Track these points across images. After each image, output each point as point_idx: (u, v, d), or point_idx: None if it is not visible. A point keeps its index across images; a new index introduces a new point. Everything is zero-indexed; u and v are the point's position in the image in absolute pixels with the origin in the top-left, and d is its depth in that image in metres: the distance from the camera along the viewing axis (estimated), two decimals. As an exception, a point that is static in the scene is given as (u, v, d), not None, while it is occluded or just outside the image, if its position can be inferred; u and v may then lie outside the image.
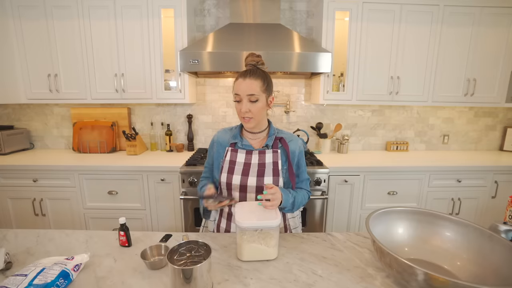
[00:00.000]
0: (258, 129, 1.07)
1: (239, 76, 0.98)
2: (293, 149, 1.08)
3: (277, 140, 1.07)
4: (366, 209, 2.09)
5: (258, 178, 1.02)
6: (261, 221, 0.83)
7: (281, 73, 2.20)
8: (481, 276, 0.75)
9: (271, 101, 1.04)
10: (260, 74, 0.98)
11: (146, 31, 2.09)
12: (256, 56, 1.01)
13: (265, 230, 0.84)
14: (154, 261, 0.84)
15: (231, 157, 1.06)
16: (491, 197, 2.13)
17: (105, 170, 1.98)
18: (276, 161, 1.04)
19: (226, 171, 1.05)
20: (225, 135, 1.12)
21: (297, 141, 1.12)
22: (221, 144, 1.10)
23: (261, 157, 1.04)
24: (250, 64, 1.00)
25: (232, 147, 1.07)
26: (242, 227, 0.83)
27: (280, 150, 1.06)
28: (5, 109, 2.54)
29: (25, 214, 2.05)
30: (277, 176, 1.03)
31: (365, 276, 0.81)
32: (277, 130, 1.12)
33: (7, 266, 0.82)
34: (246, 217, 0.85)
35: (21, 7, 2.07)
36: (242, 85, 0.96)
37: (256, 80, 0.96)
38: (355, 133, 2.64)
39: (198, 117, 2.57)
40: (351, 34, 2.13)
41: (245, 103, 0.97)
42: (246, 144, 1.07)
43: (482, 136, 2.68)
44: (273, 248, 0.86)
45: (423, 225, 0.92)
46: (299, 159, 1.11)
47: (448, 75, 2.23)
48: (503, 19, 2.16)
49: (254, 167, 1.03)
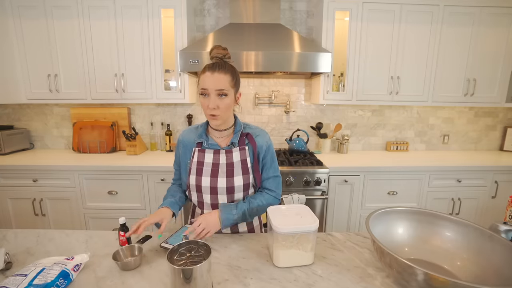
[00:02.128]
0: (224, 126, 1.02)
1: (206, 69, 0.92)
2: (260, 144, 1.03)
3: (243, 136, 1.03)
4: (366, 209, 2.09)
5: (228, 179, 0.99)
6: (299, 225, 0.82)
7: (281, 73, 2.20)
8: (481, 276, 0.75)
9: (238, 97, 0.99)
10: (229, 69, 0.93)
11: (146, 31, 2.09)
12: (222, 49, 0.95)
13: (302, 234, 0.82)
14: (126, 262, 0.83)
15: (198, 158, 1.02)
16: (491, 197, 2.13)
17: (105, 170, 1.98)
18: (245, 159, 1.01)
19: (194, 173, 1.01)
20: (190, 135, 1.06)
21: (265, 135, 1.06)
22: (186, 144, 1.06)
23: (228, 156, 1.01)
24: (217, 57, 0.94)
25: (199, 147, 1.03)
26: (281, 233, 0.81)
27: (247, 146, 1.02)
28: (5, 109, 2.54)
29: (25, 214, 2.05)
30: (247, 174, 1.00)
31: (365, 276, 0.81)
32: (244, 125, 1.07)
33: (7, 266, 0.82)
34: (283, 223, 0.83)
35: (21, 7, 2.07)
36: (210, 79, 0.90)
37: (226, 74, 0.91)
38: (355, 133, 2.64)
39: (198, 117, 2.57)
40: (351, 34, 2.13)
41: (213, 98, 0.91)
42: (212, 143, 1.02)
43: (482, 136, 2.68)
44: (310, 252, 0.85)
45: (423, 225, 0.92)
46: (266, 154, 1.04)
47: (448, 75, 2.23)
48: (503, 19, 2.16)
49: (223, 167, 0.99)
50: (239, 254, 0.92)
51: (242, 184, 1.01)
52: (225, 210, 0.97)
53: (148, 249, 0.93)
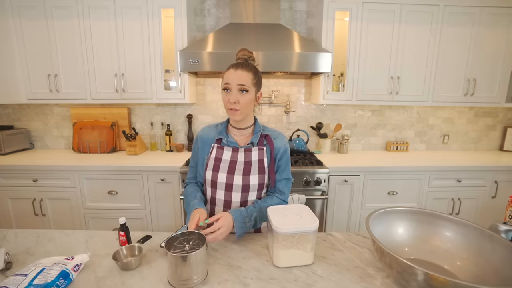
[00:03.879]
0: (244, 124, 1.06)
1: (230, 67, 0.98)
2: (278, 146, 1.06)
3: (262, 137, 1.06)
4: (366, 209, 2.09)
5: (244, 177, 1.01)
6: (299, 225, 0.82)
7: (281, 73, 2.20)
8: (481, 276, 0.75)
9: (259, 97, 1.04)
10: (252, 68, 0.99)
11: (146, 31, 2.09)
12: (248, 51, 1.02)
13: (302, 234, 0.82)
14: (126, 262, 0.83)
15: (216, 154, 1.04)
16: (491, 197, 2.13)
17: (105, 170, 1.98)
18: (262, 159, 1.03)
19: (211, 168, 1.03)
20: (210, 132, 1.09)
21: (283, 138, 1.10)
22: (206, 140, 1.08)
23: (247, 155, 1.03)
24: (242, 58, 1.01)
25: (218, 144, 1.06)
26: (281, 233, 0.81)
27: (265, 147, 1.05)
28: (5, 109, 2.54)
29: (25, 214, 2.05)
30: (263, 174, 1.03)
31: (365, 276, 0.81)
32: (263, 127, 1.10)
33: (7, 266, 0.82)
34: (283, 222, 0.83)
35: (21, 7, 2.07)
36: (233, 75, 0.96)
37: (248, 72, 0.97)
38: (355, 133, 2.64)
39: (198, 117, 2.57)
40: (351, 34, 2.13)
41: (235, 93, 0.96)
42: (231, 141, 1.05)
43: (482, 136, 2.68)
44: (310, 252, 0.85)
45: (423, 225, 0.92)
46: (282, 156, 1.07)
47: (448, 75, 2.23)
48: (503, 19, 2.16)
49: (240, 165, 1.02)
50: (239, 254, 0.91)
51: (258, 183, 1.02)
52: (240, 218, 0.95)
53: (148, 249, 0.93)
